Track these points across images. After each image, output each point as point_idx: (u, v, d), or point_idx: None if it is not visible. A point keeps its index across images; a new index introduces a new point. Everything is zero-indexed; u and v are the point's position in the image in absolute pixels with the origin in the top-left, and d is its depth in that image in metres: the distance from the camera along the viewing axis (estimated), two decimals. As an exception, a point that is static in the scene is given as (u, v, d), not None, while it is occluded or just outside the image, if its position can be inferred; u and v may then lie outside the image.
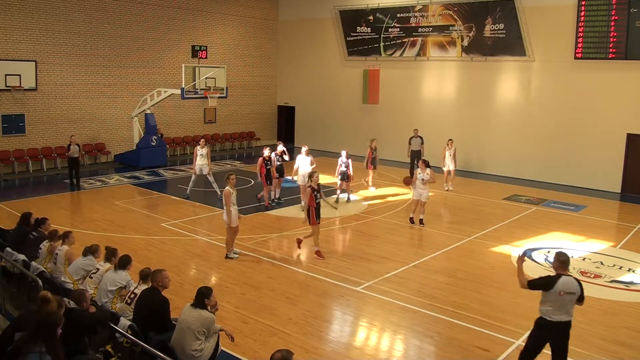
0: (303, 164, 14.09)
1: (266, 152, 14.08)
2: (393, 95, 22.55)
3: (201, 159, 14.92)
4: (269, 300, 8.36)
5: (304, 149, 14.42)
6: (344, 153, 14.97)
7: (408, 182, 13.65)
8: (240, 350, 6.68)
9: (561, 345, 5.79)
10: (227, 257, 10.19)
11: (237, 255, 10.26)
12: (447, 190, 16.75)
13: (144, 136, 19.79)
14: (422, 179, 12.39)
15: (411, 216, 12.91)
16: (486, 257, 10.68)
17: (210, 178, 15.12)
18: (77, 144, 16.43)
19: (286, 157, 15.15)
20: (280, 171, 14.56)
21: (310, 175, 10.86)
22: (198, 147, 15.06)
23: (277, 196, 14.77)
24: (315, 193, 10.43)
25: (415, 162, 17.97)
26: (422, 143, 18.59)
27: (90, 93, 20.06)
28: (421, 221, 12.76)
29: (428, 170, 12.36)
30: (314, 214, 10.35)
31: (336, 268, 9.83)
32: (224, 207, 10.00)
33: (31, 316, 4.89)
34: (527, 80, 19.13)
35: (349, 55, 23.83)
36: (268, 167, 13.87)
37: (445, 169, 16.88)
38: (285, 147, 15.46)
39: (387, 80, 22.65)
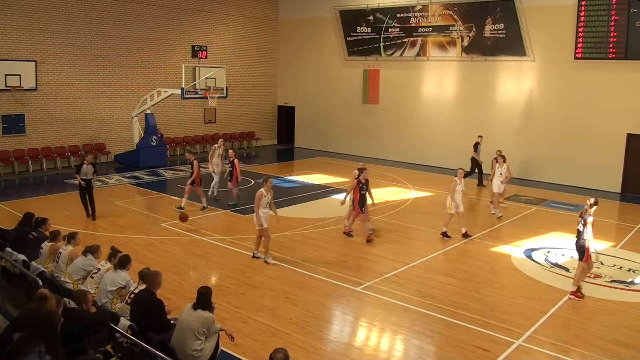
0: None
1: (357, 172, 11.77)
2: (393, 95, 22.55)
3: (218, 158, 14.67)
4: (269, 300, 8.36)
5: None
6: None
7: (184, 218, 12.24)
8: (240, 350, 6.68)
9: None
10: (265, 261, 10.04)
11: (274, 262, 10.00)
12: (498, 216, 13.78)
13: (144, 136, 19.79)
14: (462, 190, 11.74)
15: (444, 230, 11.83)
16: (486, 257, 10.67)
17: (217, 177, 14.80)
18: (92, 164, 12.87)
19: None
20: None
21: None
22: (216, 145, 14.79)
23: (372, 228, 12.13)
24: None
25: (476, 170, 17.55)
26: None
27: (90, 93, 20.06)
28: (466, 234, 11.81)
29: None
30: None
31: (336, 268, 9.83)
32: (255, 209, 9.89)
33: (30, 315, 4.88)
34: (527, 81, 19.13)
35: (349, 55, 23.83)
36: (363, 191, 11.44)
37: (496, 190, 13.90)
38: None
39: (387, 80, 22.65)
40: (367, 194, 11.59)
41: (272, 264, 9.91)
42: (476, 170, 17.62)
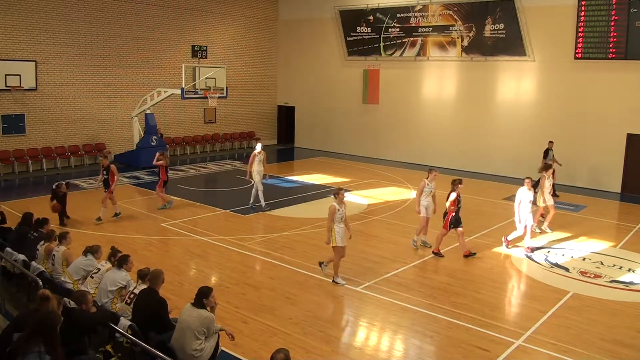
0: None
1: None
2: (393, 95, 22.55)
3: (259, 164, 13.71)
4: (269, 300, 8.36)
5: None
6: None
7: (57, 209, 11.93)
8: (240, 350, 6.68)
9: None
10: (333, 281, 9.09)
11: (344, 282, 9.05)
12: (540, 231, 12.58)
13: (144, 136, 19.80)
14: (530, 200, 10.94)
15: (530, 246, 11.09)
16: (486, 257, 10.67)
17: (261, 186, 13.85)
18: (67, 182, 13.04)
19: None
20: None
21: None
22: (255, 151, 13.79)
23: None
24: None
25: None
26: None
27: (90, 93, 20.07)
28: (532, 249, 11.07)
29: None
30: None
31: (336, 268, 9.82)
32: (328, 225, 8.92)
33: (30, 315, 4.88)
34: (527, 81, 19.14)
35: (349, 55, 23.83)
36: (460, 205, 10.49)
37: (541, 203, 12.38)
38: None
39: (387, 80, 22.65)
40: (433, 200, 10.88)
41: (342, 285, 8.98)
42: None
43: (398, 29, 21.96)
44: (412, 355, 6.91)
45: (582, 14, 17.13)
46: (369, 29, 22.84)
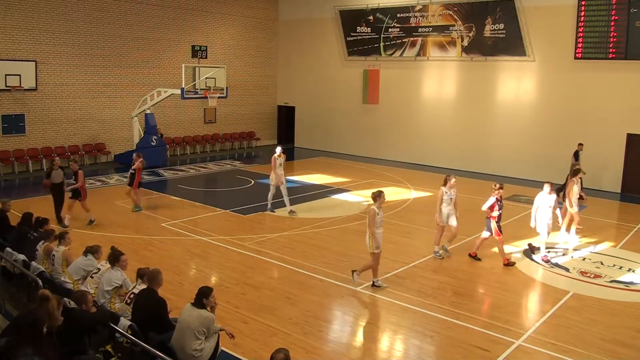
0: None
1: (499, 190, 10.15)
2: (393, 95, 22.55)
3: (280, 168, 13.42)
4: (269, 300, 8.36)
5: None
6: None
7: (47, 184, 11.69)
8: (240, 350, 6.68)
9: None
10: (374, 284, 8.89)
11: (386, 285, 8.93)
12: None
13: (144, 136, 19.80)
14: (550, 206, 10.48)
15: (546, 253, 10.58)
16: (486, 257, 10.67)
17: (285, 190, 13.56)
18: (62, 167, 12.50)
19: None
20: None
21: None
22: (275, 155, 13.44)
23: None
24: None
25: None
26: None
27: (90, 93, 20.07)
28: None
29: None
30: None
31: (336, 268, 9.82)
32: (367, 229, 8.55)
33: (17, 318, 4.76)
34: (527, 81, 19.14)
35: (349, 55, 23.83)
36: (502, 210, 10.14)
37: (572, 209, 11.74)
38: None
39: (387, 80, 22.65)
40: (454, 207, 10.43)
41: (383, 287, 8.84)
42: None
43: (398, 29, 21.96)
44: (412, 355, 6.91)
45: (582, 14, 17.13)
46: (369, 29, 22.84)
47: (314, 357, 6.72)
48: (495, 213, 10.01)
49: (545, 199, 10.42)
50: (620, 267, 10.26)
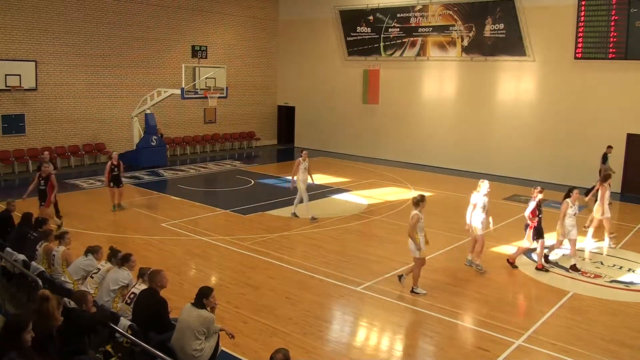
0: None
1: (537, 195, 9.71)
2: (393, 95, 22.55)
3: (304, 172, 13.00)
4: (269, 300, 8.36)
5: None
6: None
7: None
8: (240, 350, 6.68)
9: None
10: (413, 291, 8.64)
11: (424, 292, 8.62)
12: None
13: (144, 136, 19.79)
14: (575, 213, 9.96)
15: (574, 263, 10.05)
16: (486, 257, 10.66)
17: (306, 196, 13.13)
18: (53, 162, 11.92)
19: None
20: None
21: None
22: (300, 159, 13.06)
23: None
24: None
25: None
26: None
27: (90, 93, 20.06)
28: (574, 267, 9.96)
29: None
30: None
31: (336, 268, 9.82)
32: (409, 234, 8.34)
33: (4, 323, 4.73)
34: (527, 81, 19.13)
35: (349, 55, 23.83)
36: (541, 215, 9.69)
37: (599, 215, 11.52)
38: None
39: (387, 80, 22.65)
40: (487, 214, 9.81)
41: (422, 294, 8.60)
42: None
43: (398, 29, 21.96)
44: (412, 355, 6.91)
45: (582, 14, 17.13)
46: (369, 29, 22.84)
47: (314, 357, 6.72)
48: (535, 219, 9.52)
49: (571, 207, 9.93)
50: (620, 267, 10.26)
